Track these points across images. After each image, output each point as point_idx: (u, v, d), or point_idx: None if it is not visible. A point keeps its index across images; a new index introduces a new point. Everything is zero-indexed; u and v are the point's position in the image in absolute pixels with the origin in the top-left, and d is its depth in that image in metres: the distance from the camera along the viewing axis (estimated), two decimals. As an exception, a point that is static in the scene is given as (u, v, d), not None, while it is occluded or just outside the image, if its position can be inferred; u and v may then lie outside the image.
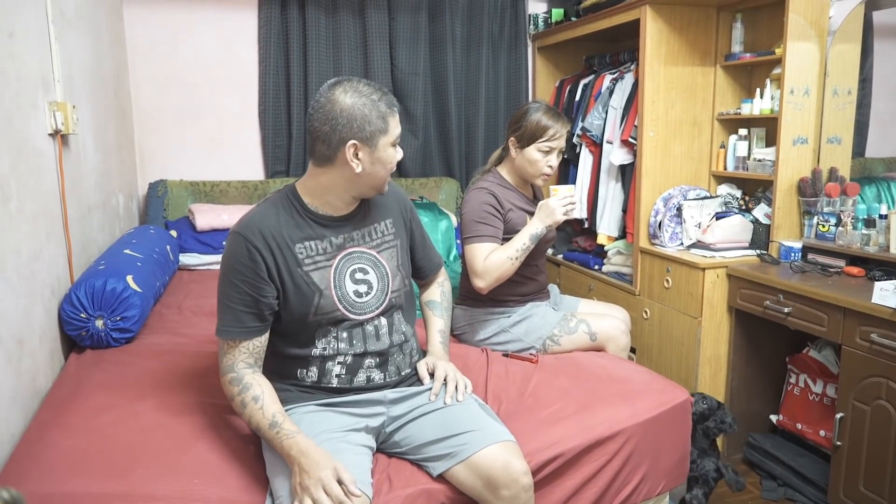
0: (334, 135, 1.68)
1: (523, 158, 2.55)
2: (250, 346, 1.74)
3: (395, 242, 1.95)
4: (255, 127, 4.19)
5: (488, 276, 2.41)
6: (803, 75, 2.92)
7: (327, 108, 1.68)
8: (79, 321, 2.33)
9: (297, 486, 1.52)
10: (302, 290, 1.76)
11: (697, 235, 3.22)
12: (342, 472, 1.52)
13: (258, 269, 1.71)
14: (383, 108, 1.72)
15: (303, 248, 1.77)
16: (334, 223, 1.83)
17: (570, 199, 2.44)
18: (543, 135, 2.50)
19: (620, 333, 2.59)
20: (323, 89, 1.72)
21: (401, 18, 4.19)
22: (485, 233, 2.46)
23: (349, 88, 1.70)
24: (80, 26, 2.85)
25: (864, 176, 3.09)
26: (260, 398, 1.67)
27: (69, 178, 2.52)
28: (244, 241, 1.71)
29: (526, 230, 2.44)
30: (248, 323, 1.73)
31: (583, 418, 2.02)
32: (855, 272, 2.69)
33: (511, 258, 2.41)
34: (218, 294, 1.76)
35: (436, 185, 4.31)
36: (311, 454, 1.55)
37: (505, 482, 1.65)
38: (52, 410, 1.94)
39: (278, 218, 1.77)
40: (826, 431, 2.71)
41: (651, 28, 3.23)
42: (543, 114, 2.51)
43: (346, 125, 1.68)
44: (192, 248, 3.66)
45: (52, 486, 1.58)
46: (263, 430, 1.64)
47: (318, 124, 1.70)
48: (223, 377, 1.74)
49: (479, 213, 2.47)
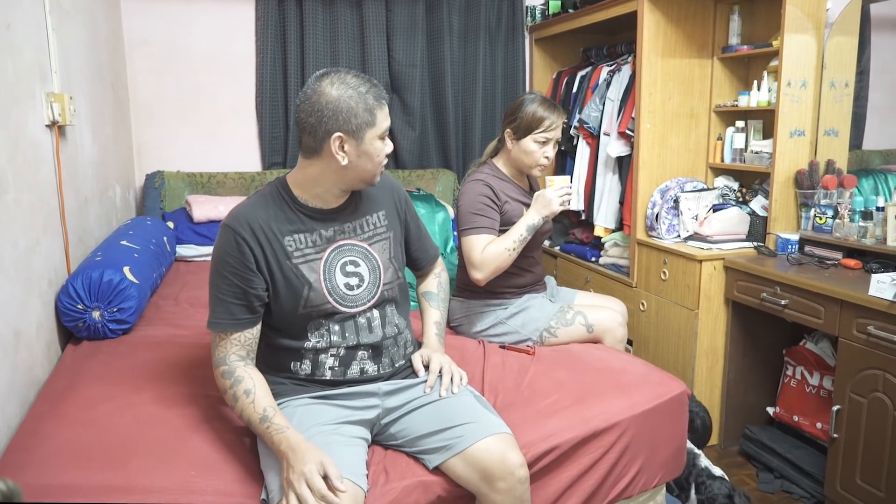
0: (320, 127, 1.68)
1: (519, 150, 2.55)
2: (241, 339, 1.74)
3: (387, 235, 1.94)
4: (252, 118, 4.18)
5: (486, 267, 2.41)
6: (800, 67, 2.92)
7: (313, 99, 1.68)
8: (76, 312, 2.33)
9: (284, 481, 1.52)
10: (291, 283, 1.76)
11: (694, 227, 3.22)
12: (329, 467, 1.50)
13: (247, 261, 1.71)
14: (371, 100, 1.70)
15: (292, 241, 1.77)
16: (324, 216, 1.82)
17: (566, 189, 2.45)
18: (539, 126, 2.50)
19: (617, 325, 2.59)
20: (311, 80, 1.71)
21: (398, 10, 4.18)
22: (482, 224, 2.46)
23: (336, 80, 1.69)
24: (78, 17, 2.84)
25: (861, 168, 3.09)
26: (251, 392, 1.67)
27: (66, 170, 2.52)
28: (233, 233, 1.72)
29: (523, 221, 2.44)
30: (239, 315, 1.73)
31: (579, 410, 2.02)
32: (852, 264, 2.69)
33: (508, 249, 2.41)
34: (209, 287, 1.77)
35: (433, 177, 4.29)
36: (299, 449, 1.54)
37: (501, 474, 1.66)
38: (49, 402, 1.94)
39: (267, 210, 1.76)
40: (823, 423, 2.72)
41: (648, 20, 3.22)
42: (539, 105, 2.51)
43: (332, 117, 1.67)
44: (188, 240, 3.66)
45: (48, 477, 1.58)
46: (254, 424, 1.64)
47: (305, 115, 1.69)
48: (215, 370, 1.74)
49: (476, 205, 2.47)
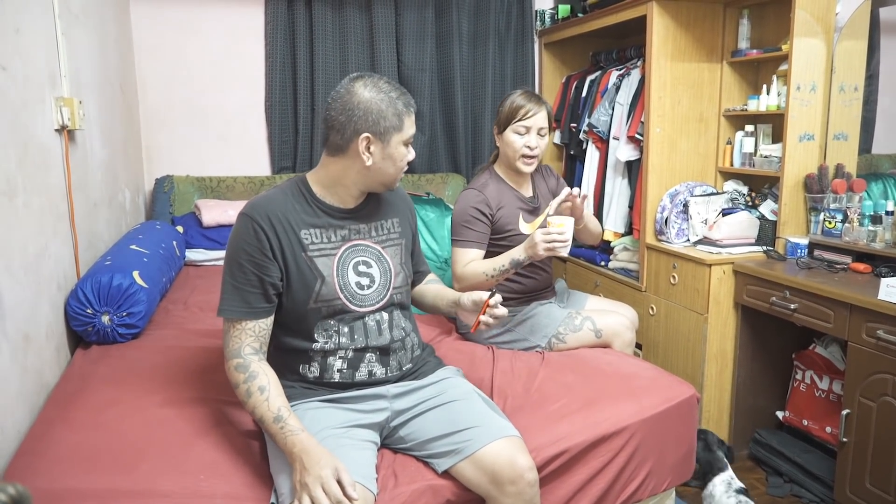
0: (349, 125, 1.72)
1: (504, 143, 2.58)
2: (256, 329, 1.74)
3: (399, 241, 1.96)
4: (262, 122, 4.19)
5: (463, 281, 2.46)
6: (810, 71, 2.91)
7: (346, 98, 1.72)
8: (85, 317, 2.33)
9: (297, 483, 1.52)
10: (304, 275, 1.77)
11: (704, 232, 3.21)
12: (342, 473, 1.51)
13: (263, 248, 1.73)
14: (400, 106, 1.76)
15: (308, 234, 1.79)
16: (341, 214, 1.85)
17: (556, 236, 2.26)
18: (517, 114, 2.52)
19: (626, 330, 2.58)
20: (344, 81, 1.77)
21: (407, 14, 4.19)
22: (468, 238, 2.50)
23: (370, 83, 1.74)
24: (87, 22, 2.85)
25: (870, 172, 3.08)
26: (266, 389, 1.66)
27: (75, 174, 2.53)
28: (250, 221, 1.74)
29: (509, 254, 2.38)
30: (255, 303, 1.74)
31: (588, 414, 2.02)
32: (861, 268, 2.68)
33: (487, 274, 2.40)
34: (224, 277, 1.77)
35: (442, 181, 4.31)
36: (313, 452, 1.54)
37: (510, 478, 1.65)
38: (58, 406, 1.94)
39: (286, 203, 1.79)
40: (832, 428, 2.70)
41: (658, 24, 3.22)
42: (518, 96, 2.56)
43: (362, 117, 1.71)
44: (198, 244, 3.67)
45: (57, 481, 1.58)
46: (267, 423, 1.63)
47: (335, 114, 1.73)
48: (229, 362, 1.72)
49: (465, 217, 2.51)
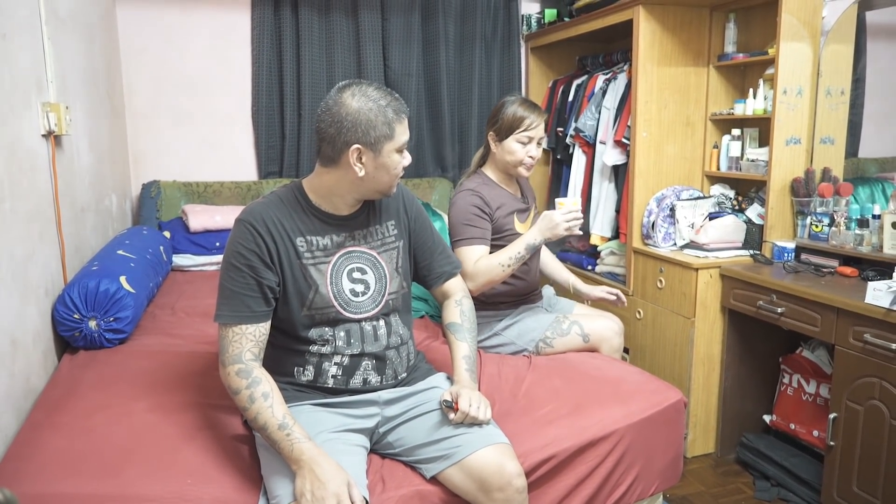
0: (339, 137, 1.70)
1: (503, 151, 2.56)
2: (256, 334, 1.72)
3: (396, 244, 1.95)
4: (249, 127, 4.17)
5: (478, 278, 2.39)
6: (796, 75, 2.93)
7: (334, 110, 1.70)
8: (72, 322, 2.32)
9: (307, 492, 1.50)
10: (298, 283, 1.77)
11: (691, 236, 3.22)
12: (353, 489, 1.52)
13: (261, 253, 1.72)
14: (390, 114, 1.72)
15: (303, 242, 1.78)
16: (337, 221, 1.84)
17: (574, 213, 2.38)
18: (520, 125, 2.51)
19: (613, 334, 2.59)
20: (333, 91, 1.74)
21: (394, 19, 4.18)
22: (473, 235, 2.46)
23: (357, 92, 1.71)
24: (74, 27, 2.84)
25: (857, 176, 3.10)
26: (269, 395, 1.64)
27: (62, 179, 2.52)
28: (248, 226, 1.73)
29: (523, 239, 2.41)
30: (255, 307, 1.72)
31: (576, 419, 2.02)
32: (848, 272, 2.70)
33: (503, 265, 2.39)
34: (221, 284, 1.75)
35: (429, 186, 4.31)
36: (324, 463, 1.54)
37: (499, 484, 1.65)
38: (45, 411, 1.94)
39: (281, 210, 1.78)
40: (819, 431, 2.72)
41: (644, 28, 3.23)
42: (519, 105, 2.53)
43: (351, 129, 1.69)
44: (185, 249, 3.64)
45: (45, 486, 1.58)
46: (270, 430, 1.60)
47: (325, 126, 1.71)
48: (228, 368, 1.68)
49: (467, 216, 2.47)
